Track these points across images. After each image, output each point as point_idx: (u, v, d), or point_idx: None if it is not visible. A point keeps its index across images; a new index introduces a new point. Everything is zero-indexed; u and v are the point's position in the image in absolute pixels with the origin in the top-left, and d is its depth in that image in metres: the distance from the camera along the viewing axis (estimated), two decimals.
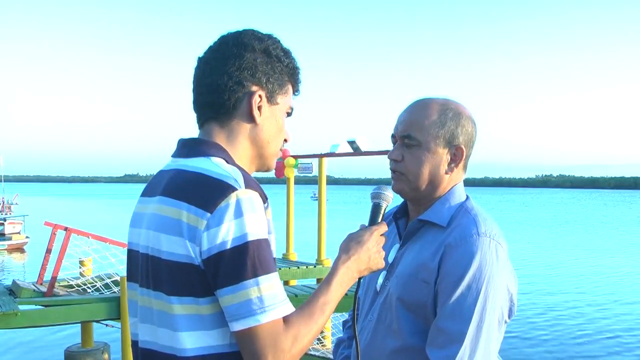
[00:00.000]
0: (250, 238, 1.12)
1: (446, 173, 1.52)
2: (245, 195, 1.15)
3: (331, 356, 7.60)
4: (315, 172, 10.95)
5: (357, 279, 1.38)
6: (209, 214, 1.12)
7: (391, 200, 1.50)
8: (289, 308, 1.17)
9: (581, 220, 51.50)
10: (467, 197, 1.55)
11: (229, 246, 1.11)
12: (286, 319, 1.15)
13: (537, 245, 29.50)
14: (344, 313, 6.40)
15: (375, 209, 1.47)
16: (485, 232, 1.41)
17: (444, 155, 1.51)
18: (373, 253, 1.37)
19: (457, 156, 1.52)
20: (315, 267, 9.86)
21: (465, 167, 1.57)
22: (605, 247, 29.98)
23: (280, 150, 1.39)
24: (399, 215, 1.63)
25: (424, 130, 1.49)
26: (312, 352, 7.73)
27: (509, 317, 1.46)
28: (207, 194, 1.14)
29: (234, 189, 1.14)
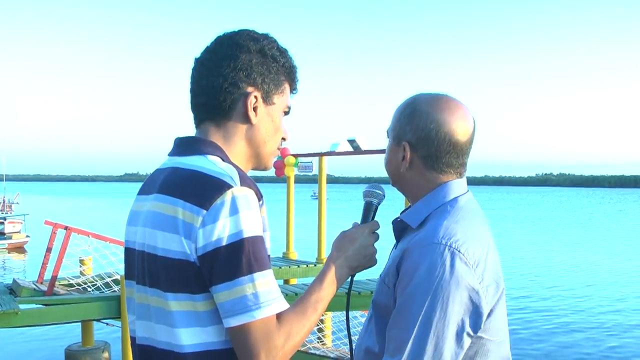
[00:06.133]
0: (246, 235, 1.13)
1: (402, 172, 1.44)
2: (240, 193, 1.16)
3: (331, 355, 7.61)
4: (315, 171, 10.93)
5: (349, 277, 1.39)
6: (204, 211, 1.13)
7: (383, 198, 1.50)
8: (283, 305, 1.18)
9: (573, 218, 51.63)
10: (455, 198, 1.41)
11: (224, 243, 1.12)
12: (280, 316, 1.16)
13: (518, 241, 29.63)
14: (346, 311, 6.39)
15: (368, 207, 1.48)
16: (442, 238, 1.30)
17: (397, 153, 1.44)
18: (365, 250, 1.38)
19: (406, 153, 1.42)
20: (315, 265, 9.84)
21: (431, 167, 1.41)
22: (590, 242, 30.29)
23: (279, 148, 1.40)
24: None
25: (391, 127, 1.47)
26: (313, 351, 7.72)
27: (476, 331, 1.31)
28: (203, 191, 1.16)
29: (229, 187, 1.16)
